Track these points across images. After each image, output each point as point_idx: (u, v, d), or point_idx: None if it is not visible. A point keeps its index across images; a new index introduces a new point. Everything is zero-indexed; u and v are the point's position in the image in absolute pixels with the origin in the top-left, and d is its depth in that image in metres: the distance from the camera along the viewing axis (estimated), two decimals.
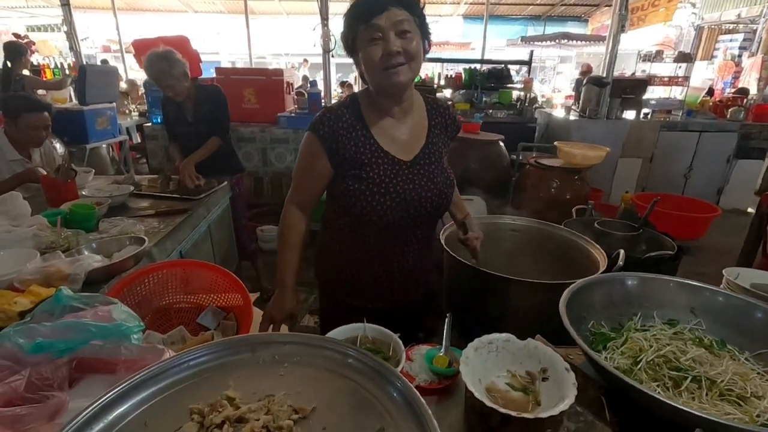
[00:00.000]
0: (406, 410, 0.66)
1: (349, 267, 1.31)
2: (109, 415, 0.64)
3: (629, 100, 4.71)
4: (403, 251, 1.28)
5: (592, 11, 13.46)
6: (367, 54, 1.07)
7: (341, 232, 1.29)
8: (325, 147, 1.16)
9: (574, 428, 0.80)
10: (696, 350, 0.90)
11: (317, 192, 1.26)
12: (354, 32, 1.10)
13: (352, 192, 1.17)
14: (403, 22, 1.05)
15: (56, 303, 0.98)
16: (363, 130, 1.17)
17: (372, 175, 1.16)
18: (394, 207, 1.17)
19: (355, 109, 1.19)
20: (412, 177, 1.19)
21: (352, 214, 1.21)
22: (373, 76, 1.11)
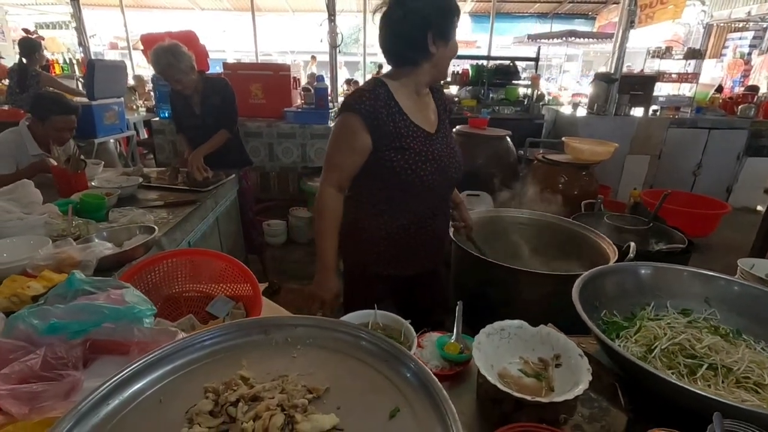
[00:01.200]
0: (420, 391, 0.66)
1: (385, 239, 1.36)
2: (125, 391, 0.64)
3: (638, 96, 4.66)
4: (435, 215, 1.40)
5: (599, 9, 13.35)
6: (452, 45, 1.25)
7: (378, 207, 1.35)
8: (367, 124, 1.22)
9: (588, 414, 0.79)
10: (711, 338, 0.89)
11: (355, 170, 1.29)
12: (451, 20, 1.23)
13: (396, 163, 1.25)
14: None
15: (69, 287, 0.98)
16: (396, 107, 1.26)
17: (412, 145, 1.26)
18: (434, 172, 1.29)
19: (386, 91, 1.27)
20: (439, 146, 1.33)
21: (394, 185, 1.29)
22: (446, 62, 1.29)
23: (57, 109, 2.09)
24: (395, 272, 1.40)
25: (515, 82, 5.31)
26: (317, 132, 3.84)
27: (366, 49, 10.33)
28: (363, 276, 1.43)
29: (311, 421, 0.61)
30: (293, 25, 14.95)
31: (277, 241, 3.64)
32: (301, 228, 3.70)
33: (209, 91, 2.45)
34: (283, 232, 3.67)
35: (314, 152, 3.90)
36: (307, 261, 3.49)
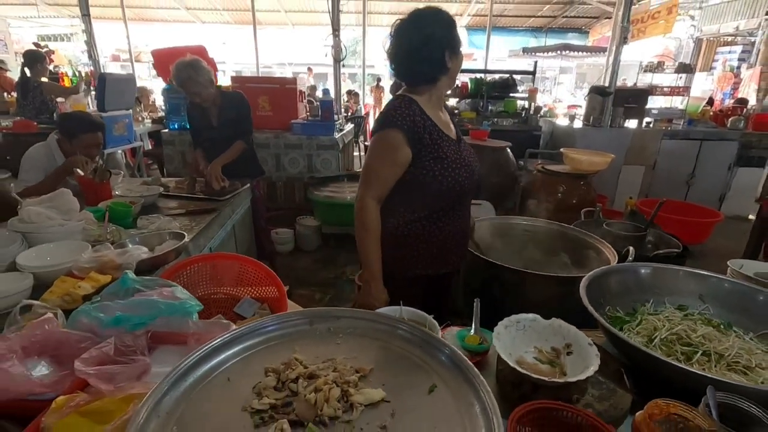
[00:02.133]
0: (454, 370, 0.76)
1: (424, 242, 1.45)
2: (197, 371, 0.74)
3: (632, 109, 4.83)
4: (464, 216, 1.53)
5: (592, 23, 13.69)
6: (460, 58, 1.38)
7: (416, 213, 1.43)
8: (408, 137, 1.33)
9: (598, 394, 0.89)
10: (705, 329, 0.99)
11: (393, 182, 1.38)
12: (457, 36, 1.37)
13: (436, 171, 1.36)
14: None
15: (122, 285, 1.08)
16: (429, 120, 1.38)
17: (448, 154, 1.38)
18: (467, 176, 1.42)
19: (416, 106, 1.38)
20: (462, 153, 1.45)
21: (432, 192, 1.38)
22: (455, 75, 1.42)
23: (84, 127, 2.19)
24: (432, 272, 1.49)
25: (513, 95, 5.48)
26: (323, 143, 3.96)
27: (365, 62, 10.55)
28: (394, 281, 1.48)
29: (363, 394, 0.70)
30: (292, 38, 15.20)
31: (285, 248, 3.73)
32: (308, 236, 3.80)
33: (226, 105, 2.56)
34: (290, 240, 3.77)
35: (320, 162, 4.01)
36: (314, 268, 3.57)
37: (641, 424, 0.70)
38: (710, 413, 0.71)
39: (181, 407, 0.67)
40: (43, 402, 0.75)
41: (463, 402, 0.70)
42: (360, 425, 0.66)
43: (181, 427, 0.64)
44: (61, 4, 12.53)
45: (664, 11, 10.49)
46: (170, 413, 0.65)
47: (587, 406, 0.87)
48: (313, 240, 3.83)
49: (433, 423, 0.66)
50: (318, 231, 3.86)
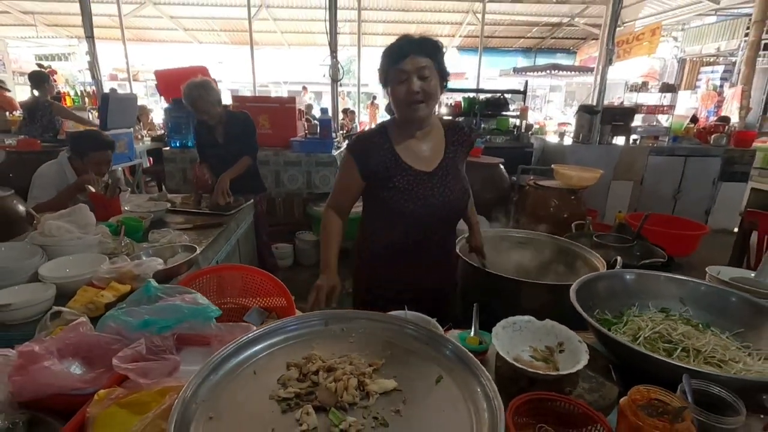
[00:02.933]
0: (458, 363, 0.85)
1: (380, 260, 1.55)
2: (226, 366, 0.82)
3: (619, 126, 5.02)
4: (427, 245, 1.52)
5: (579, 44, 14.15)
6: (395, 91, 1.36)
7: (376, 232, 1.55)
8: (357, 163, 1.45)
9: (588, 387, 0.97)
10: (684, 327, 1.09)
11: (350, 199, 1.53)
12: (386, 71, 1.37)
13: (383, 198, 1.44)
14: (424, 68, 1.32)
15: (145, 293, 1.15)
16: (390, 149, 1.45)
17: (398, 184, 1.43)
18: (418, 208, 1.43)
19: (383, 134, 1.47)
20: (432, 185, 1.45)
21: (384, 218, 1.48)
22: (399, 108, 1.40)
23: (95, 145, 2.28)
24: (389, 293, 1.51)
25: (505, 113, 5.66)
26: (322, 160, 4.07)
27: (360, 81, 10.80)
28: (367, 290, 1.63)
29: (377, 384, 0.79)
30: (288, 57, 15.51)
31: (284, 263, 3.79)
32: (307, 251, 3.87)
33: (232, 123, 2.67)
34: (290, 255, 3.84)
35: (319, 179, 4.11)
36: (313, 282, 3.62)
37: (625, 408, 0.78)
38: (686, 397, 0.80)
39: (214, 396, 0.75)
40: (83, 396, 0.82)
41: (467, 389, 0.78)
42: (376, 410, 0.73)
43: (217, 412, 0.71)
44: (59, 24, 12.74)
45: (648, 33, 10.91)
46: (206, 401, 0.73)
47: (578, 397, 0.95)
48: (312, 254, 3.90)
49: (441, 407, 0.74)
50: (317, 246, 3.92)
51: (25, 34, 13.08)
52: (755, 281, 1.30)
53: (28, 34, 13.02)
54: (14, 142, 3.91)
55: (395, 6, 11.08)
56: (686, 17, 11.01)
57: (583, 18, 11.81)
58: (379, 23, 12.23)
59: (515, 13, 11.81)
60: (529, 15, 11.90)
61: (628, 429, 0.77)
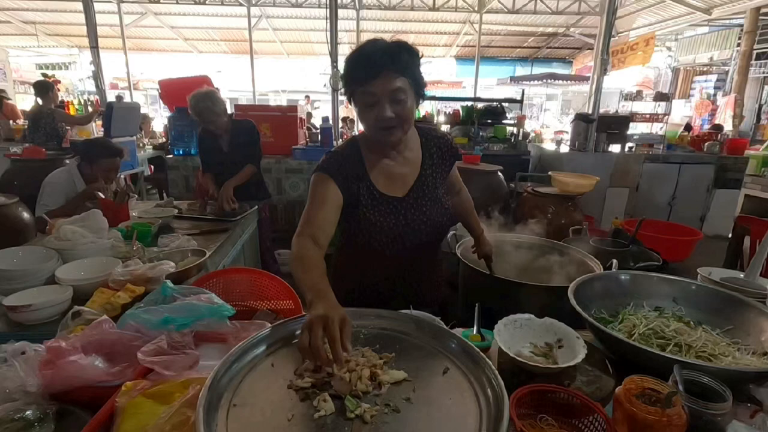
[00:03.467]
0: (463, 355, 0.90)
1: (359, 286, 1.42)
2: (245, 358, 0.87)
3: (614, 134, 5.12)
4: (405, 276, 1.40)
5: (575, 53, 14.36)
6: (363, 115, 1.17)
7: (351, 257, 1.43)
8: (336, 181, 1.23)
9: (586, 380, 1.03)
10: (676, 324, 1.14)
11: (327, 222, 1.20)
12: (351, 90, 1.16)
13: (353, 229, 1.30)
14: (397, 90, 1.10)
15: (162, 293, 1.21)
16: (362, 172, 1.27)
17: (368, 215, 1.26)
18: (389, 243, 1.29)
19: (355, 153, 1.29)
20: (405, 212, 1.30)
21: (357, 244, 1.34)
22: (369, 131, 1.22)
23: (104, 153, 2.34)
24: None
25: (504, 122, 5.75)
26: None
27: None
28: None
29: (389, 374, 0.84)
30: (287, 67, 15.68)
31: (286, 269, 3.83)
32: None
33: (237, 131, 2.73)
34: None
35: None
36: None
37: (621, 397, 0.83)
38: (677, 386, 0.86)
39: (236, 385, 0.80)
40: (108, 389, 0.87)
41: (473, 379, 0.83)
42: (388, 398, 0.79)
43: (239, 400, 0.76)
44: (60, 34, 12.87)
45: (642, 43, 11.10)
46: (228, 390, 0.78)
47: (576, 389, 1.00)
48: None
49: (449, 395, 0.79)
50: None
51: (26, 44, 13.19)
52: (744, 281, 1.36)
53: (29, 43, 13.14)
54: (19, 150, 3.96)
55: (394, 17, 11.27)
56: (679, 27, 11.22)
57: (578, 28, 12.02)
58: (378, 33, 12.36)
59: (512, 24, 12.02)
60: (525, 25, 12.11)
61: (624, 416, 0.82)
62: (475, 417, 0.74)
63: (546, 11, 10.57)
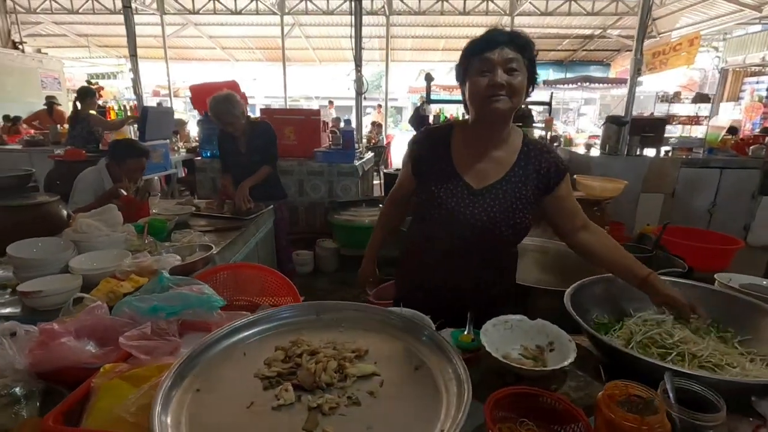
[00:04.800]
0: (434, 347, 0.88)
1: (417, 262, 1.44)
2: (218, 347, 0.88)
3: (649, 138, 4.87)
4: (450, 264, 1.35)
5: (613, 56, 13.86)
6: (474, 83, 1.16)
7: (413, 230, 1.46)
8: (412, 156, 1.37)
9: (575, 385, 0.97)
10: (681, 332, 1.06)
11: (402, 192, 1.48)
12: (467, 63, 1.20)
13: (419, 199, 1.35)
14: (512, 60, 1.13)
15: (159, 283, 1.24)
16: (445, 152, 1.31)
17: (436, 191, 1.28)
18: (441, 222, 1.29)
19: (446, 133, 1.34)
20: (474, 204, 1.27)
21: (418, 222, 1.42)
22: (475, 102, 1.20)
23: (131, 153, 2.46)
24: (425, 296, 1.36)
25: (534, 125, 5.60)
26: (343, 170, 4.17)
27: (387, 95, 10.99)
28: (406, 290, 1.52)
29: (357, 368, 0.83)
30: (318, 73, 15.99)
31: (304, 270, 3.89)
32: (327, 258, 3.95)
33: (255, 133, 2.81)
34: (310, 262, 3.93)
35: (341, 188, 4.21)
36: (332, 289, 3.71)
37: (600, 401, 0.78)
38: (667, 395, 0.79)
39: (205, 372, 0.81)
40: (93, 370, 0.90)
41: (444, 376, 0.81)
42: (352, 391, 0.77)
43: (204, 385, 0.77)
44: (109, 45, 13.71)
45: (686, 43, 10.57)
46: (196, 375, 0.79)
47: (563, 394, 0.95)
48: (332, 262, 3.98)
49: (415, 392, 0.77)
50: (337, 253, 4.01)
51: (79, 55, 14.13)
52: (765, 287, 1.25)
53: (81, 54, 14.07)
54: (62, 152, 4.22)
55: (423, 22, 11.27)
56: (727, 26, 10.60)
57: (616, 29, 11.60)
58: (407, 39, 12.44)
59: (545, 26, 11.74)
60: (559, 27, 11.80)
61: (603, 422, 0.77)
62: (436, 414, 0.71)
63: (581, 12, 10.29)
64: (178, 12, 11.12)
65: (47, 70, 11.79)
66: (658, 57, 11.61)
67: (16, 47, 11.33)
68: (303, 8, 10.68)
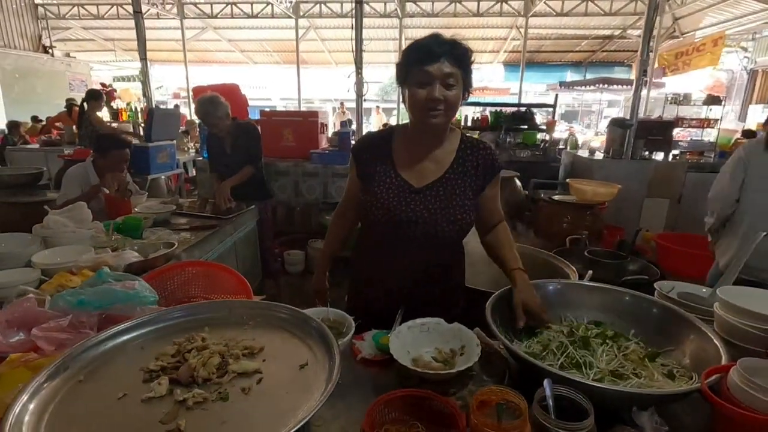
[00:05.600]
0: (319, 339, 0.90)
1: (366, 263, 1.50)
2: (117, 339, 0.91)
3: (656, 141, 4.73)
4: (396, 264, 1.39)
5: (634, 56, 13.47)
6: (414, 93, 1.22)
7: (362, 237, 1.52)
8: (355, 162, 1.41)
9: (476, 389, 0.96)
10: (600, 344, 1.04)
11: (351, 201, 1.48)
12: (407, 69, 1.23)
13: (363, 202, 1.38)
14: (450, 75, 1.18)
15: (98, 278, 1.30)
16: (388, 154, 1.36)
17: (377, 191, 1.33)
18: (385, 221, 1.32)
19: (386, 137, 1.40)
20: (416, 202, 1.31)
21: (365, 225, 1.46)
22: (414, 112, 1.26)
23: (115, 145, 2.57)
24: (365, 302, 1.46)
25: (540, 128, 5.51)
26: (338, 171, 4.20)
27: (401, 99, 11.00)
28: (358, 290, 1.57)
29: (239, 364, 0.85)
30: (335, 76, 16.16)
31: (295, 269, 3.94)
32: (318, 258, 3.98)
33: (239, 134, 2.88)
34: (301, 262, 3.97)
35: (335, 190, 4.24)
36: None
37: (471, 406, 0.78)
38: (545, 400, 0.78)
39: (95, 364, 0.84)
40: None
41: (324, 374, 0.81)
42: (226, 387, 0.79)
43: (87, 376, 0.80)
44: (134, 49, 14.17)
45: (710, 43, 10.22)
46: (82, 367, 0.83)
47: (460, 398, 0.95)
48: None
49: (291, 390, 0.78)
50: None
51: (106, 59, 14.68)
52: (702, 298, 1.21)
53: (108, 58, 14.62)
54: (71, 152, 4.42)
55: (437, 24, 11.23)
56: (756, 26, 10.17)
57: (636, 30, 11.28)
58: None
59: (562, 27, 11.54)
60: (576, 28, 11.58)
61: (472, 426, 0.77)
62: (295, 411, 0.72)
63: (598, 12, 10.07)
64: (198, 16, 11.43)
65: (75, 73, 12.33)
66: (680, 58, 11.24)
67: (46, 51, 11.88)
68: (317, 11, 10.82)
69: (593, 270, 1.79)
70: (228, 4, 11.01)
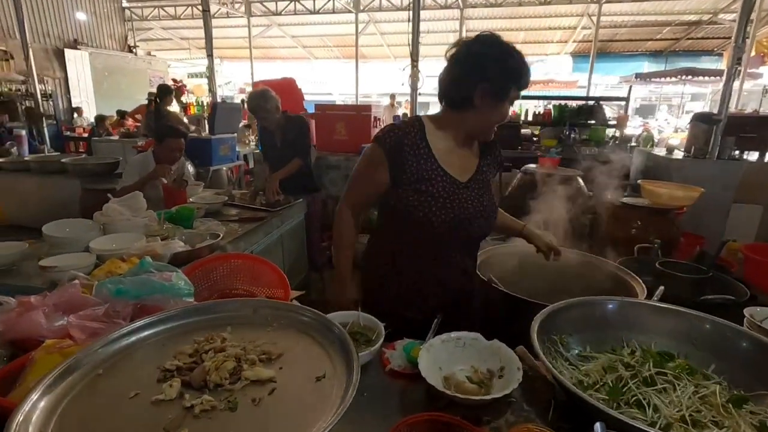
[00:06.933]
0: (340, 349, 0.83)
1: (389, 276, 1.40)
2: (141, 334, 0.90)
3: (750, 139, 4.17)
4: (443, 265, 1.37)
5: (726, 44, 12.06)
6: (498, 108, 1.25)
7: (390, 244, 1.40)
8: (388, 159, 1.28)
9: (513, 420, 0.85)
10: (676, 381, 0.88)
11: (370, 198, 1.39)
12: (504, 85, 1.22)
13: (411, 203, 1.27)
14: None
15: (140, 267, 1.32)
16: (426, 149, 1.29)
17: (431, 189, 1.27)
18: (448, 221, 1.28)
19: (419, 130, 1.31)
20: (466, 197, 1.32)
21: (407, 223, 1.30)
22: (487, 123, 1.29)
23: (170, 133, 2.70)
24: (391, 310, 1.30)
25: (610, 123, 5.08)
26: None
27: None
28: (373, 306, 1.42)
29: (254, 371, 0.80)
30: (393, 70, 16.10)
31: None
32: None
33: (289, 127, 2.90)
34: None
35: None
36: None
37: None
38: None
39: (117, 358, 0.84)
40: None
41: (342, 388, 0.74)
42: (237, 395, 0.75)
43: (109, 370, 0.80)
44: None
45: None
46: (104, 360, 0.82)
47: (495, 429, 0.84)
48: None
49: (304, 404, 0.72)
50: None
51: (182, 57, 15.74)
52: None
53: (183, 56, 15.66)
54: (144, 143, 4.75)
55: (501, 14, 10.79)
56: None
57: (729, 14, 10.08)
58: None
59: (640, 13, 10.59)
60: (657, 14, 10.57)
61: None
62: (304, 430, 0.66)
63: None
64: (263, 14, 11.87)
65: (155, 70, 13.35)
66: None
67: (131, 51, 12.96)
68: (377, 5, 10.79)
69: (665, 285, 1.56)
70: (292, 1, 11.31)
